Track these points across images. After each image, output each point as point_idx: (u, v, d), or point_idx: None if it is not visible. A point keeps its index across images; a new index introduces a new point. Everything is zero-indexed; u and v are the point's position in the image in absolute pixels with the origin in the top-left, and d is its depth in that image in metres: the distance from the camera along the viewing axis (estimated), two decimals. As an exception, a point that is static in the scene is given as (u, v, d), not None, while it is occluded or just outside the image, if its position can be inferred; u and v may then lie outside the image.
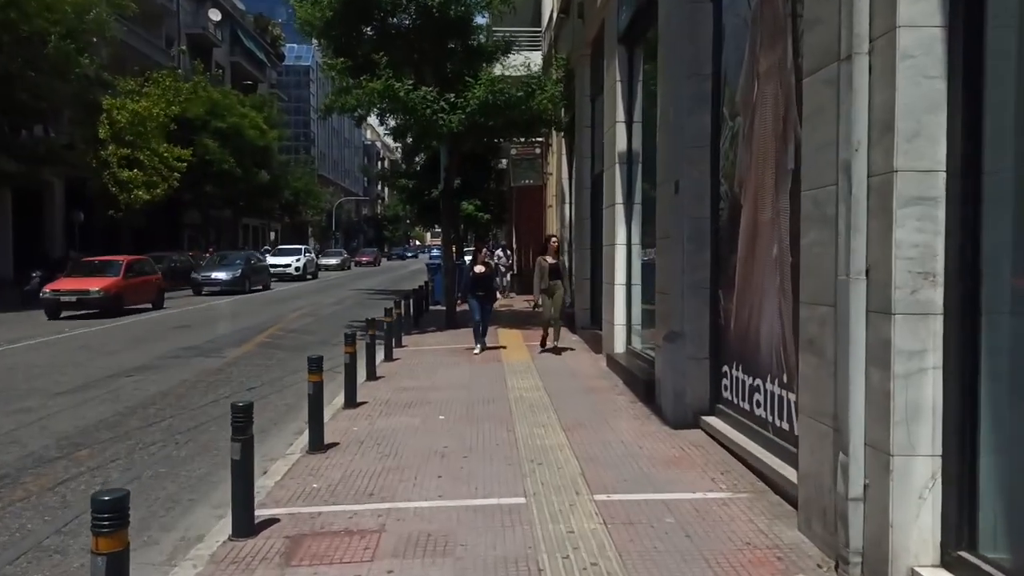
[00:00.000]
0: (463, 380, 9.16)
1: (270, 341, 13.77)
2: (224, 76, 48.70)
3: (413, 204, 26.09)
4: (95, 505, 2.74)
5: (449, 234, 15.36)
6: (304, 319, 17.92)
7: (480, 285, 11.13)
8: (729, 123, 6.20)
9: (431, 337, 13.51)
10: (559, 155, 16.75)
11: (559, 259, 11.10)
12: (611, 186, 10.05)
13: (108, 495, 2.77)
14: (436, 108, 13.25)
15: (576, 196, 13.89)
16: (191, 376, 10.15)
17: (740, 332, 5.91)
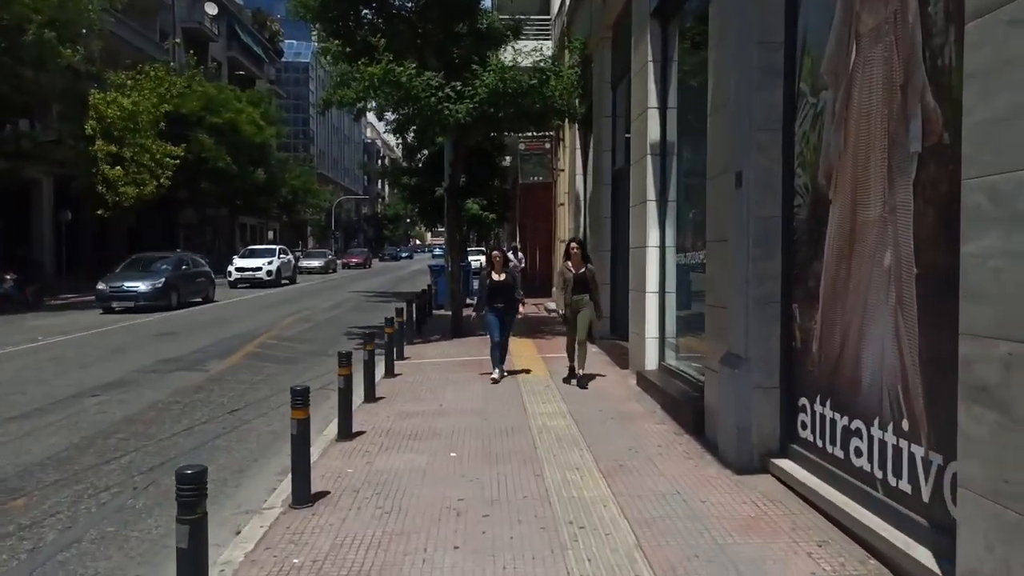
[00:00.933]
0: (475, 402, 8.00)
1: (260, 352, 12.60)
2: (220, 72, 47.56)
3: (415, 203, 24.92)
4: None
5: (455, 235, 14.20)
6: (300, 324, 16.76)
7: (500, 295, 9.18)
8: (810, 100, 5.03)
9: (436, 347, 12.35)
10: (572, 149, 15.60)
11: (586, 267, 8.85)
12: (640, 181, 8.90)
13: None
14: (441, 96, 12.10)
15: (593, 193, 12.73)
16: (166, 396, 8.99)
17: (828, 358, 4.75)
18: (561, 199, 18.23)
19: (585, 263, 8.88)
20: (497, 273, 9.23)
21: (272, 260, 31.50)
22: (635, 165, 9.24)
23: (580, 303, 8.76)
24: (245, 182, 41.22)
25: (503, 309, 9.23)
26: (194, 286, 22.18)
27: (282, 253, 33.03)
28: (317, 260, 43.64)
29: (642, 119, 8.81)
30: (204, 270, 23.65)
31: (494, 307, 9.18)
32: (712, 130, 6.26)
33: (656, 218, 8.63)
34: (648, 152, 8.61)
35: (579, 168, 15.10)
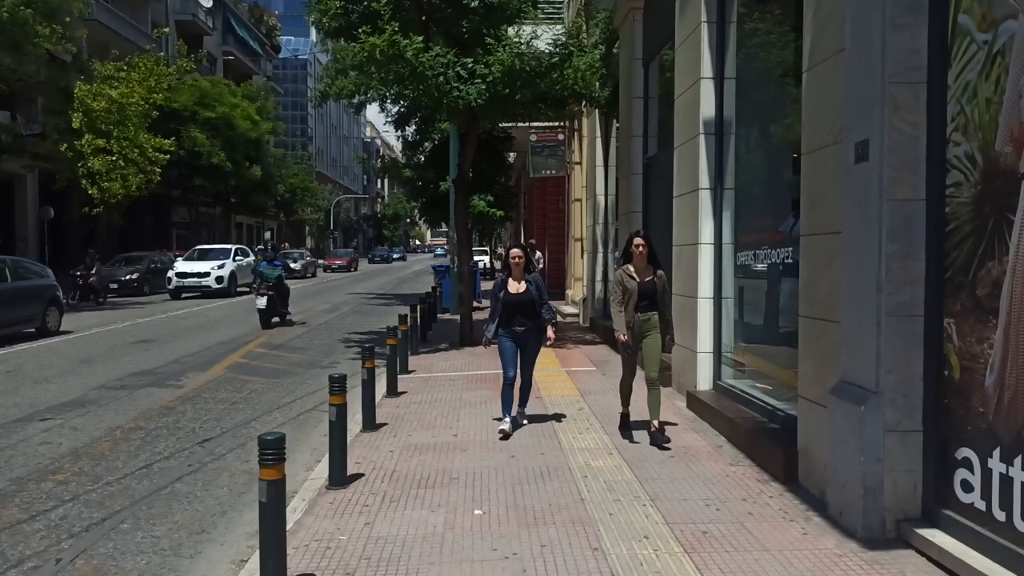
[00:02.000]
0: (495, 429, 6.61)
1: (245, 363, 11.20)
2: (216, 67, 46.17)
3: (417, 199, 23.50)
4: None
5: (464, 231, 12.79)
6: (293, 329, 15.35)
7: (520, 314, 6.55)
8: (977, 38, 3.65)
9: (444, 359, 10.95)
10: (591, 139, 14.22)
11: (654, 273, 6.20)
12: (690, 166, 7.51)
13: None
14: (451, 75, 10.72)
15: (621, 185, 11.34)
16: (128, 419, 7.60)
17: (1017, 397, 3.37)
18: (577, 194, 16.84)
19: (653, 267, 6.19)
20: (516, 281, 6.54)
21: (224, 264, 24.95)
22: (681, 148, 7.85)
23: (647, 325, 6.07)
24: (240, 179, 39.86)
25: (523, 334, 6.57)
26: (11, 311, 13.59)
27: (240, 254, 26.70)
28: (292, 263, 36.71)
29: (692, 93, 7.43)
30: (29, 284, 14.33)
31: (511, 330, 6.53)
32: (811, 91, 4.88)
33: (710, 209, 7.24)
34: (701, 131, 7.22)
35: (599, 159, 13.72)
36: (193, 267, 24.81)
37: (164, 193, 37.73)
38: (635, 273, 6.16)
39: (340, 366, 10.74)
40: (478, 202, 21.60)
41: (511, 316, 6.53)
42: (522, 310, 6.53)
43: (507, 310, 6.51)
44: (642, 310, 6.08)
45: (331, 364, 11.03)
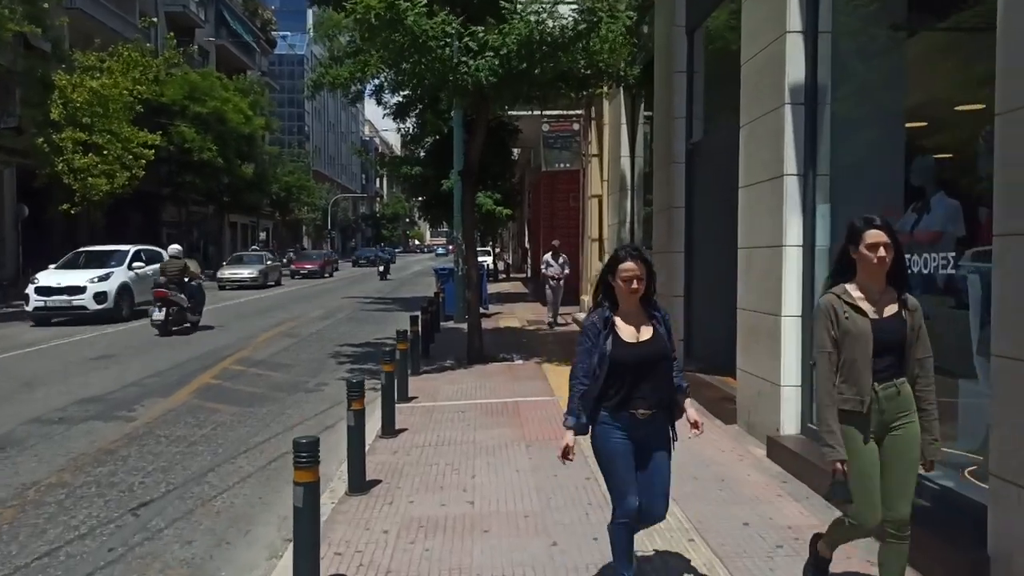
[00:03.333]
0: (526, 495, 4.98)
1: (217, 384, 9.57)
2: (208, 61, 44.56)
3: (417, 196, 21.88)
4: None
5: (472, 229, 11.13)
6: (280, 341, 13.72)
7: (644, 381, 3.30)
8: None
9: (450, 380, 9.31)
10: (615, 126, 12.59)
11: (902, 301, 3.11)
12: (769, 146, 5.88)
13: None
14: (458, 48, 9.10)
15: (657, 177, 9.71)
16: (51, 471, 5.96)
17: None
18: (595, 189, 15.21)
19: (895, 289, 3.13)
20: (633, 324, 3.33)
21: (110, 274, 17.15)
22: (753, 126, 6.22)
23: (894, 407, 3.09)
24: (232, 176, 38.25)
25: (649, 422, 3.35)
26: None
27: (142, 259, 18.51)
28: (248, 268, 29.59)
29: (772, 54, 5.80)
30: None
31: (627, 415, 3.32)
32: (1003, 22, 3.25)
33: (798, 202, 5.61)
34: (787, 100, 5.59)
35: (624, 149, 12.09)
36: (63, 279, 16.76)
37: (153, 191, 36.13)
38: (867, 300, 3.09)
39: (328, 388, 9.16)
40: (484, 199, 20.02)
41: (627, 388, 3.27)
42: (648, 375, 3.28)
43: (619, 377, 3.26)
44: (883, 377, 3.05)
45: (318, 386, 9.42)
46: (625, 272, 3.24)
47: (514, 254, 48.48)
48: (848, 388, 3.06)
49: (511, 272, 42.48)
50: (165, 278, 14.74)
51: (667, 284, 9.12)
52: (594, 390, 3.28)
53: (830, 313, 3.11)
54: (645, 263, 3.27)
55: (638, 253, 3.27)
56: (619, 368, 3.25)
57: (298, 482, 3.49)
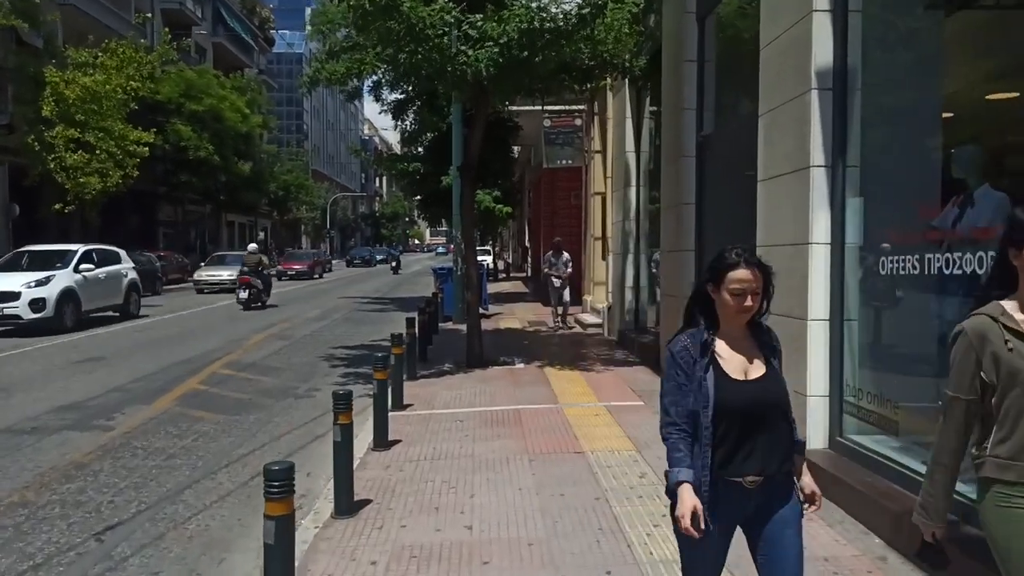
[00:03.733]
0: (531, 520, 4.52)
1: (204, 390, 9.11)
2: (205, 58, 44.10)
3: (415, 194, 21.39)
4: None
5: (471, 228, 10.66)
6: (272, 343, 13.27)
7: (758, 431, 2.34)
8: None
9: (448, 386, 8.84)
10: (619, 121, 12.12)
11: None
12: (793, 135, 5.43)
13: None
14: (456, 37, 8.65)
15: (665, 172, 9.25)
16: (13, 488, 5.49)
17: None
18: (598, 186, 14.75)
19: None
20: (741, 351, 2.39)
21: (51, 277, 14.77)
22: (774, 114, 5.76)
23: None
24: (229, 175, 37.80)
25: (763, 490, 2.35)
26: None
27: (88, 262, 15.79)
28: (229, 269, 26.13)
29: (796, 36, 5.34)
30: None
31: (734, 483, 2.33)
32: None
33: (826, 196, 5.15)
34: (813, 85, 5.12)
35: (629, 144, 11.62)
36: None
37: (149, 190, 35.70)
38: None
39: (320, 394, 8.70)
40: (483, 197, 19.56)
41: (730, 444, 2.33)
42: (760, 426, 2.35)
43: (727, 427, 2.32)
44: None
45: (309, 392, 8.96)
46: (737, 282, 2.28)
47: (514, 253, 48.05)
48: (1010, 448, 2.10)
49: (511, 271, 42.02)
50: (247, 268, 19.65)
51: (677, 284, 8.67)
52: (683, 441, 2.31)
53: (983, 343, 2.11)
54: (763, 271, 2.33)
55: (755, 258, 2.34)
56: (723, 415, 2.28)
57: (269, 515, 3.04)
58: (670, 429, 2.35)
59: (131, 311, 17.51)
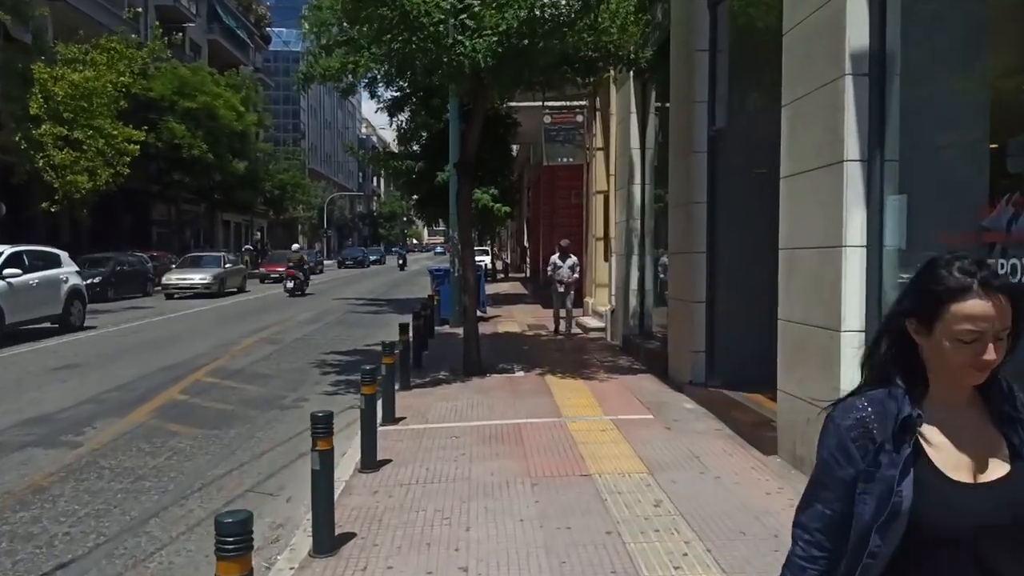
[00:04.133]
0: (532, 551, 4.00)
1: (183, 401, 8.58)
2: (200, 56, 43.53)
3: (411, 194, 20.87)
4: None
5: (468, 227, 10.13)
6: (262, 348, 12.74)
7: None
8: None
9: (443, 397, 8.31)
10: (624, 115, 11.60)
11: None
12: (823, 126, 4.92)
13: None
14: (454, 25, 8.13)
15: (673, 169, 8.73)
16: (-39, 517, 4.98)
17: None
18: (600, 185, 14.23)
19: None
20: (964, 437, 1.38)
21: None
22: (801, 103, 5.25)
23: None
24: (224, 174, 37.24)
25: None
26: None
27: (15, 266, 13.71)
28: (201, 272, 23.96)
29: (827, 15, 4.83)
30: None
31: None
32: None
33: (862, 193, 4.64)
34: (847, 71, 4.62)
35: (634, 140, 11.10)
36: None
37: (143, 188, 35.16)
38: None
39: (308, 404, 8.17)
40: (481, 196, 19.02)
41: None
42: (1002, 559, 1.33)
43: (928, 562, 1.35)
44: None
45: (297, 402, 8.45)
46: (971, 321, 1.33)
47: (513, 253, 47.52)
48: None
49: (510, 271, 41.48)
50: (292, 263, 25.08)
51: (685, 288, 8.16)
52: None
53: None
54: (1014, 297, 1.35)
55: (998, 278, 1.35)
56: (929, 544, 1.35)
57: (222, 575, 2.54)
58: (797, 557, 1.46)
59: (73, 322, 15.06)
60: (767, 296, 7.39)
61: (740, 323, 7.69)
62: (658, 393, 8.12)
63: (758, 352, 7.48)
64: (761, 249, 7.53)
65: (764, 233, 7.42)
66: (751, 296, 7.65)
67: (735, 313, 7.71)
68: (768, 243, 7.32)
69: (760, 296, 7.53)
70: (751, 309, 7.65)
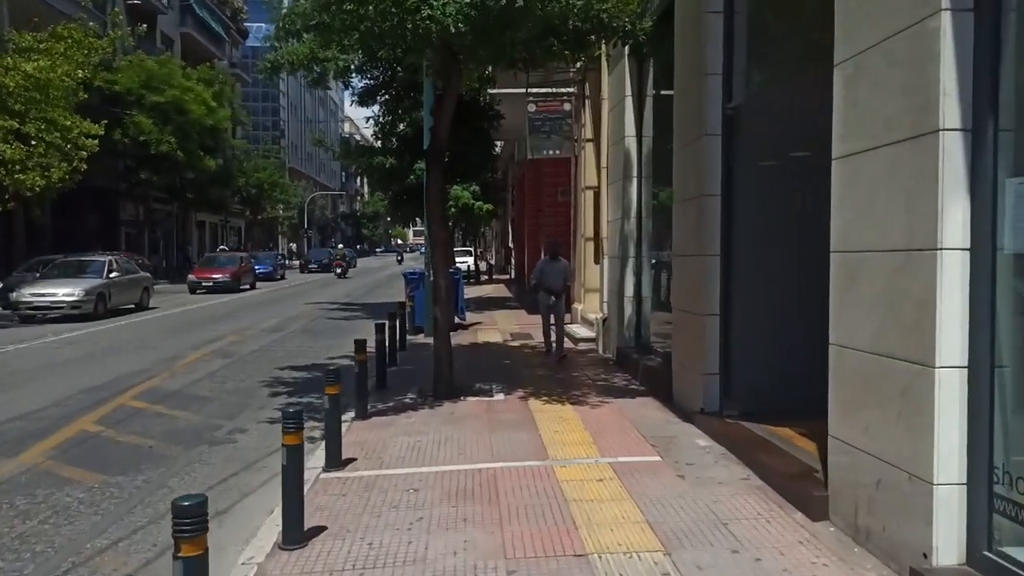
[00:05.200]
0: None
1: (96, 433, 7.15)
2: (172, 50, 41.83)
3: (386, 190, 19.45)
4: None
5: (440, 223, 8.69)
6: (210, 362, 11.33)
7: None
8: None
9: (405, 430, 6.92)
10: (617, 100, 10.28)
11: None
12: (906, 86, 3.60)
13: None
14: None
15: (680, 158, 7.41)
16: None
17: None
18: (590, 180, 12.91)
19: None
20: None
21: None
22: (863, 58, 3.93)
23: None
24: (195, 171, 35.65)
25: None
26: None
27: None
28: (69, 287, 17.76)
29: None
30: None
31: None
32: None
33: (964, 177, 3.34)
34: (945, 5, 3.31)
35: (630, 127, 9.77)
36: None
37: (110, 187, 33.52)
38: None
39: (244, 438, 6.84)
40: (461, 193, 17.70)
41: None
42: None
43: None
44: None
45: (231, 434, 7.07)
46: None
47: (497, 254, 46.16)
48: None
49: (494, 273, 40.08)
50: (339, 256, 40.88)
51: (694, 298, 6.85)
52: None
53: None
54: None
55: None
56: None
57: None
58: None
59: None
60: (796, 308, 6.12)
61: (762, 339, 6.40)
62: (663, 424, 6.79)
63: (784, 374, 6.22)
64: (789, 250, 6.26)
65: (794, 231, 6.14)
66: (776, 307, 6.37)
67: (756, 327, 6.41)
68: (799, 243, 6.05)
69: (787, 307, 6.26)
70: (775, 323, 6.37)
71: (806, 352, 5.33)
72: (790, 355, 6.24)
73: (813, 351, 4.70)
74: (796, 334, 6.16)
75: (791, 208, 6.14)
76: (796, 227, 6.15)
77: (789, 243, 6.28)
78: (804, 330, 5.76)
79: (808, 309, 5.40)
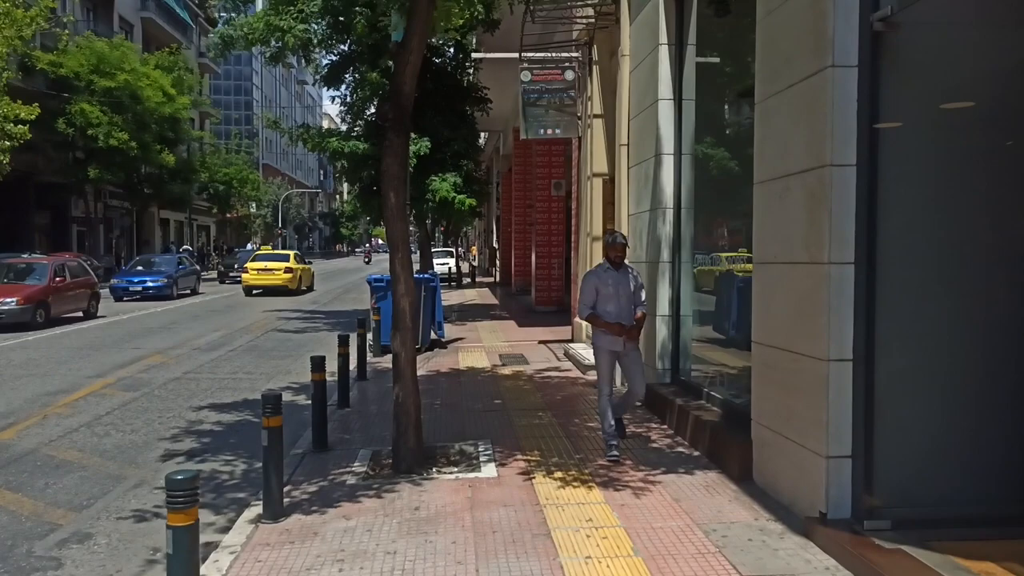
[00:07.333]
0: None
1: None
2: (132, 36, 38.79)
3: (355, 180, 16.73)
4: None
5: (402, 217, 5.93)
6: (107, 398, 8.62)
7: None
8: None
9: (336, 549, 4.28)
10: (646, 56, 7.68)
11: None
12: None
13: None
14: None
15: (764, 111, 4.83)
16: None
17: None
18: (597, 166, 10.33)
19: None
20: None
21: None
22: None
23: None
24: (151, 165, 32.73)
25: None
26: None
27: None
28: None
29: None
30: None
31: None
32: None
33: None
34: None
35: (664, 88, 7.16)
36: None
37: (58, 182, 30.51)
38: None
39: (85, 553, 4.16)
40: (440, 184, 15.06)
41: None
42: None
43: None
44: None
45: (61, 546, 4.39)
46: None
47: (481, 255, 43.46)
48: None
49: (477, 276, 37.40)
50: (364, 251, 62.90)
51: (805, 332, 4.27)
52: None
53: None
54: None
55: None
56: None
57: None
58: None
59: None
60: (991, 351, 3.59)
61: (932, 402, 3.87)
62: (759, 539, 4.19)
63: (971, 456, 3.70)
64: (982, 258, 3.72)
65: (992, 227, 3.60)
66: (960, 350, 3.83)
67: (922, 382, 3.87)
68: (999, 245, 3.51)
69: (977, 351, 3.72)
70: (959, 375, 3.83)
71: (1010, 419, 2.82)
72: (989, 424, 3.72)
73: None
74: (990, 395, 3.64)
75: (990, 190, 3.60)
76: (994, 221, 3.61)
77: (982, 244, 3.75)
78: (1007, 387, 3.25)
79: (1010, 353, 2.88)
